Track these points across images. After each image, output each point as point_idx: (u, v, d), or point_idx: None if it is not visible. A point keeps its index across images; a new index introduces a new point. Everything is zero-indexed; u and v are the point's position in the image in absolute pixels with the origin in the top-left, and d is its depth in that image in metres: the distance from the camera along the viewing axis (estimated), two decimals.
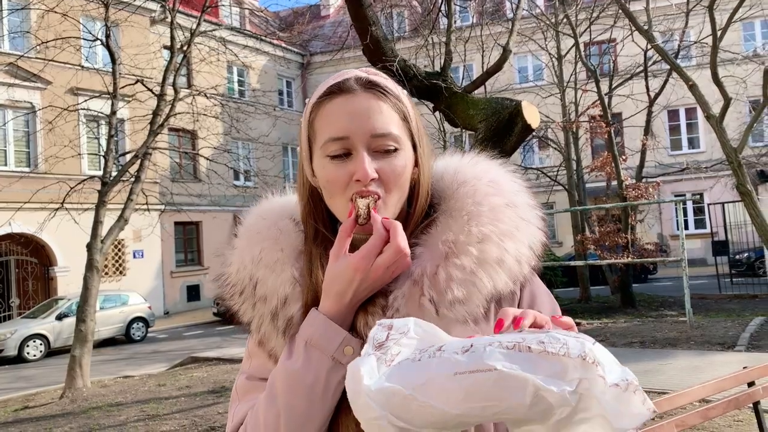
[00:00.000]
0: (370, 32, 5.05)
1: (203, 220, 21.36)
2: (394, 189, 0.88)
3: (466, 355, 0.63)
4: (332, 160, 0.88)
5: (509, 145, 4.56)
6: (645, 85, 14.18)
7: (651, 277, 20.02)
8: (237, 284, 0.95)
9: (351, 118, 0.87)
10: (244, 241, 0.97)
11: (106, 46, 9.90)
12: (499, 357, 0.62)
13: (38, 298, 17.28)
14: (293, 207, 1.00)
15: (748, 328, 9.41)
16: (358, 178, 0.86)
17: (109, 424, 7.04)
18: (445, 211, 0.91)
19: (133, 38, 15.46)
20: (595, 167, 14.68)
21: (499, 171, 0.96)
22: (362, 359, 0.68)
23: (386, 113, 0.89)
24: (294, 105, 26.68)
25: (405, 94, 0.94)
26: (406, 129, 0.91)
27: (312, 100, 0.92)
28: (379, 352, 0.68)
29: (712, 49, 9.09)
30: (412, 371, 0.65)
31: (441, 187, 0.94)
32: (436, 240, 0.88)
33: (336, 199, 0.89)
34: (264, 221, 0.98)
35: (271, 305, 0.91)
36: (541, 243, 0.93)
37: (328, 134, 0.88)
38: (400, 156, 0.89)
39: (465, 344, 0.65)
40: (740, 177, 8.79)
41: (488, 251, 0.87)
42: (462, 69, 9.92)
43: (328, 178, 0.88)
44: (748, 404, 3.39)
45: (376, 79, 0.91)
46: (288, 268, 0.92)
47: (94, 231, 9.36)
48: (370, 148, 0.87)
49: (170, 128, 12.92)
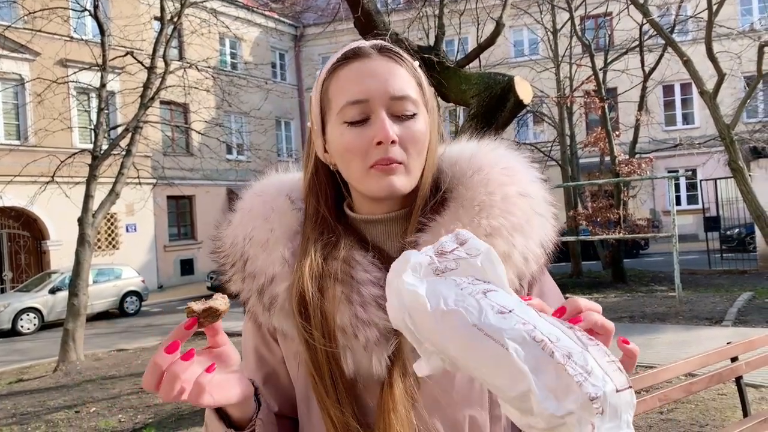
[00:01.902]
0: (362, 4, 4.98)
1: (196, 194, 21.29)
2: (414, 154, 0.86)
3: (496, 317, 0.61)
4: (350, 127, 0.85)
5: (501, 121, 4.54)
6: (640, 60, 14.08)
7: (642, 253, 20.16)
8: (229, 256, 0.95)
9: (369, 80, 0.85)
10: (239, 217, 0.96)
11: (95, 17, 9.73)
12: (520, 341, 0.59)
13: (31, 272, 17.26)
14: (291, 185, 0.97)
15: (736, 304, 9.53)
16: (380, 140, 0.83)
17: (102, 396, 7.10)
18: (456, 198, 0.88)
19: (123, 9, 15.20)
20: (588, 143, 14.66)
21: (515, 158, 0.93)
22: (418, 254, 0.67)
23: (404, 76, 0.87)
24: (287, 78, 26.38)
25: (418, 64, 0.92)
26: (421, 97, 0.89)
27: (325, 68, 0.91)
28: (437, 258, 0.66)
29: (707, 23, 9.02)
30: (447, 295, 0.63)
31: (455, 171, 0.91)
32: (443, 229, 0.85)
33: (353, 166, 0.86)
34: (259, 198, 0.96)
35: (259, 282, 0.90)
36: (552, 241, 0.89)
37: (345, 98, 0.85)
38: (419, 120, 0.87)
39: (505, 307, 0.62)
40: (732, 153, 8.81)
41: (496, 246, 0.83)
42: (457, 42, 9.79)
43: (347, 146, 0.85)
44: (731, 378, 3.46)
45: (390, 46, 0.90)
46: (279, 248, 0.90)
47: (85, 205, 9.32)
48: (389, 110, 0.85)
49: (161, 101, 12.76)
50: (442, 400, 0.83)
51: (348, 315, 0.83)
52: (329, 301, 0.85)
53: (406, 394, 0.81)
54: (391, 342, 0.83)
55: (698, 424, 4.68)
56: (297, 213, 0.94)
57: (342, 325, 0.83)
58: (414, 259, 0.66)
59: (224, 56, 22.29)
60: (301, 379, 0.90)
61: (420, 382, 0.83)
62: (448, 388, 0.83)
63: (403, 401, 0.81)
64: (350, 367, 0.83)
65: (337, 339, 0.83)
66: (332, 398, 0.83)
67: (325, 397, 0.83)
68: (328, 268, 0.87)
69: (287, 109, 25.51)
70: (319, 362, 0.84)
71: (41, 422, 6.24)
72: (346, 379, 0.83)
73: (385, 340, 0.82)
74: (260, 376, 0.97)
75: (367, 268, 0.87)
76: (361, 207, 0.93)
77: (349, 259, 0.87)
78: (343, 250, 0.88)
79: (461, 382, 0.83)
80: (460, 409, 0.83)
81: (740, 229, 16.98)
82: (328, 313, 0.84)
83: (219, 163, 19.32)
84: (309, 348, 0.85)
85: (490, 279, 0.66)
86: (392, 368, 0.82)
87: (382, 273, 0.86)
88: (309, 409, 0.89)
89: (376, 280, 0.86)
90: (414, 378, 0.82)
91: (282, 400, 0.97)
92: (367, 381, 0.84)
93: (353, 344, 0.83)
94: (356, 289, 0.85)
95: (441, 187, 0.91)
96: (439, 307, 0.62)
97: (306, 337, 0.85)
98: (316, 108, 0.91)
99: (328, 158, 0.92)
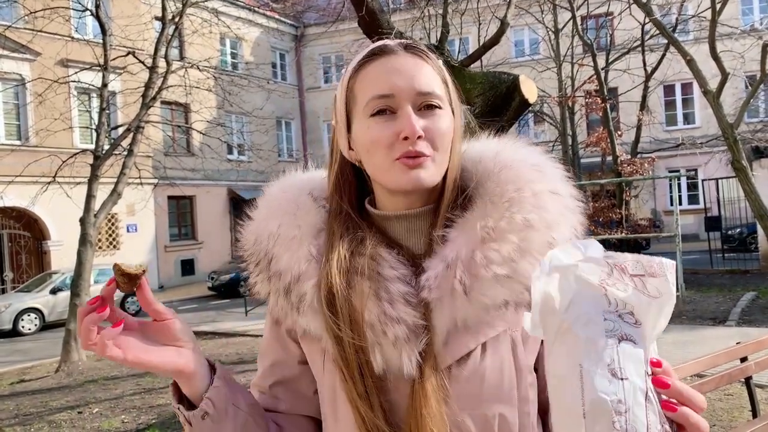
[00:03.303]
0: (366, 3, 4.96)
1: (197, 194, 21.26)
2: (440, 148, 0.86)
3: (603, 374, 0.59)
4: (377, 121, 0.86)
5: (506, 120, 4.52)
6: (642, 60, 14.08)
7: (644, 252, 20.05)
8: (253, 254, 0.94)
9: (396, 76, 0.86)
10: (263, 212, 0.96)
11: (96, 17, 9.71)
12: (599, 415, 0.58)
13: (32, 272, 17.23)
14: (314, 183, 0.97)
15: (740, 303, 9.51)
16: (406, 135, 0.83)
17: (105, 397, 7.09)
18: (482, 195, 0.87)
19: (124, 9, 15.17)
20: (590, 143, 14.66)
21: (541, 156, 0.93)
22: (600, 252, 0.64)
23: (430, 73, 0.88)
24: (288, 78, 26.34)
25: (442, 62, 0.93)
26: (446, 93, 0.90)
27: (351, 66, 0.91)
28: (616, 270, 0.62)
29: (710, 23, 9.00)
30: (587, 313, 0.61)
31: (479, 169, 0.90)
32: (473, 224, 0.84)
33: (378, 158, 0.86)
34: (284, 194, 0.96)
35: (285, 281, 0.89)
36: (578, 238, 0.88)
37: (371, 93, 0.86)
38: (445, 116, 0.87)
39: (623, 371, 0.59)
40: (735, 153, 8.80)
41: (532, 239, 0.83)
42: (458, 42, 9.79)
43: (373, 138, 0.86)
44: (740, 379, 3.44)
45: (416, 43, 0.91)
46: (305, 246, 0.89)
47: (87, 205, 9.30)
48: (415, 106, 0.85)
49: (163, 101, 12.74)
50: (473, 396, 0.82)
51: (376, 312, 0.83)
52: (357, 296, 0.84)
53: (438, 390, 0.81)
54: (421, 338, 0.82)
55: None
56: (321, 210, 0.93)
57: (371, 321, 0.83)
58: (598, 254, 0.63)
59: (225, 56, 22.27)
60: (328, 378, 0.88)
61: (451, 378, 0.82)
62: (479, 385, 0.83)
63: (436, 397, 0.80)
64: (379, 364, 0.82)
65: (365, 335, 0.83)
66: (362, 395, 0.82)
67: (354, 394, 0.83)
68: (355, 264, 0.86)
69: (288, 109, 25.48)
70: (349, 358, 0.83)
71: (44, 423, 6.22)
72: (376, 375, 0.83)
73: (414, 336, 0.82)
74: (273, 379, 0.98)
75: (394, 264, 0.86)
76: (385, 204, 0.93)
77: (375, 255, 0.87)
78: (369, 247, 0.87)
79: (491, 379, 0.83)
80: (489, 406, 0.83)
81: (742, 229, 16.95)
82: (356, 308, 0.84)
83: (220, 164, 19.33)
84: (338, 343, 0.84)
85: (644, 325, 0.62)
86: (423, 365, 0.82)
87: (408, 269, 0.86)
88: (335, 409, 0.88)
89: (403, 276, 0.85)
90: (445, 374, 0.82)
91: (295, 399, 0.97)
92: (396, 378, 0.83)
93: (382, 341, 0.82)
94: (384, 285, 0.84)
95: (467, 184, 0.90)
96: (567, 319, 0.61)
97: (335, 332, 0.84)
98: (341, 106, 0.92)
99: (353, 155, 0.92)
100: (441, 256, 0.84)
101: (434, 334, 0.83)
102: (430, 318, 0.83)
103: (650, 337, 0.62)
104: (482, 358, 0.83)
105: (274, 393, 0.97)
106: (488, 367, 0.83)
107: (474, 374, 0.83)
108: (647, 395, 0.60)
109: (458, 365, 0.83)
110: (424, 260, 0.86)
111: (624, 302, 0.61)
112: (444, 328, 0.83)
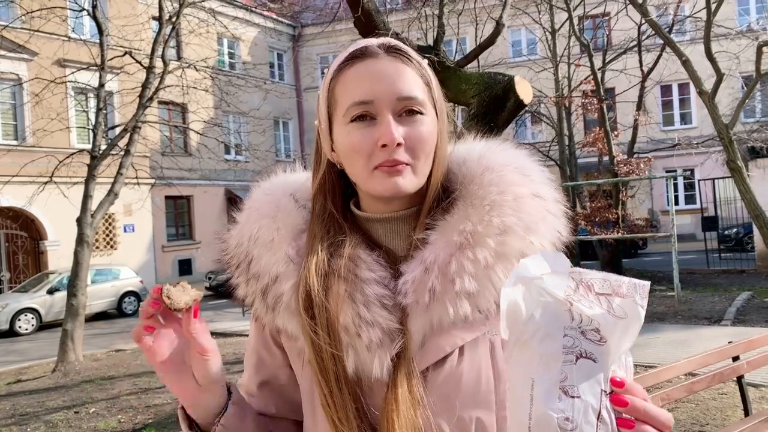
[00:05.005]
0: (362, 4, 4.97)
1: (194, 194, 21.24)
2: (422, 156, 0.85)
3: (552, 392, 0.59)
4: (356, 127, 0.84)
5: (501, 121, 4.53)
6: (638, 60, 14.11)
7: (641, 252, 20.17)
8: (234, 257, 0.94)
9: (376, 81, 0.84)
10: (245, 216, 0.95)
11: (93, 17, 9.70)
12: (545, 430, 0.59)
13: (29, 272, 17.21)
14: (297, 184, 0.97)
15: (735, 303, 9.54)
16: (385, 143, 0.82)
17: (101, 397, 7.09)
18: (465, 197, 0.86)
19: (121, 9, 15.15)
20: (587, 143, 14.67)
21: (526, 159, 0.92)
22: (567, 269, 0.64)
23: (411, 77, 0.86)
24: (285, 78, 26.34)
25: (426, 63, 0.91)
26: (429, 96, 0.88)
27: (332, 68, 0.89)
28: (582, 287, 0.62)
29: (706, 23, 9.03)
30: (547, 326, 0.61)
31: (463, 171, 0.89)
32: (453, 228, 0.84)
33: (358, 166, 0.85)
34: (266, 197, 0.95)
35: (263, 283, 0.89)
36: (564, 241, 0.87)
37: (351, 99, 0.84)
38: (426, 121, 0.85)
39: (576, 390, 0.59)
40: (731, 153, 8.83)
41: (509, 244, 0.82)
42: (455, 42, 9.80)
43: (352, 145, 0.84)
44: (733, 378, 3.46)
45: (399, 45, 0.88)
46: (283, 247, 0.89)
47: (84, 205, 9.29)
48: (395, 112, 0.84)
49: (160, 101, 12.73)
50: (449, 401, 0.81)
51: (351, 314, 0.82)
52: (333, 299, 0.83)
53: (411, 395, 0.80)
54: (396, 342, 0.81)
55: (699, 424, 4.68)
56: (302, 211, 0.93)
57: (345, 324, 0.82)
58: (564, 268, 0.63)
59: (222, 56, 22.27)
60: (306, 378, 0.89)
61: (427, 382, 0.81)
62: (455, 389, 0.82)
63: (407, 402, 0.79)
64: (351, 367, 0.82)
65: (341, 338, 0.82)
66: (336, 398, 0.81)
67: (328, 397, 0.82)
68: (333, 266, 0.85)
69: (285, 109, 25.47)
70: (324, 361, 0.83)
71: (40, 423, 6.22)
72: (350, 380, 0.82)
73: (389, 340, 0.81)
74: (258, 379, 0.97)
75: (372, 266, 0.85)
76: (369, 205, 0.92)
77: (354, 257, 0.86)
78: (348, 248, 0.87)
79: (468, 383, 0.82)
80: (466, 410, 0.82)
81: (738, 229, 17.00)
82: (332, 311, 0.83)
83: (217, 163, 19.31)
84: (314, 347, 0.83)
85: (608, 343, 0.61)
86: (397, 369, 0.81)
87: (386, 272, 0.85)
88: (314, 408, 0.88)
89: (381, 279, 0.84)
90: (421, 378, 0.81)
91: (281, 403, 0.97)
92: (372, 382, 0.82)
93: (356, 344, 0.82)
94: (360, 287, 0.83)
95: (450, 186, 0.90)
96: (527, 331, 0.62)
97: (311, 335, 0.83)
98: (323, 107, 0.90)
99: (336, 157, 0.90)
100: (419, 259, 0.84)
101: (409, 338, 0.82)
102: (406, 322, 0.82)
103: (613, 356, 0.62)
104: (459, 362, 0.82)
105: (262, 395, 0.97)
106: (465, 371, 0.81)
107: (450, 378, 0.82)
108: (600, 414, 0.59)
109: (434, 369, 0.82)
110: (403, 264, 0.85)
111: (590, 318, 0.61)
112: (420, 332, 0.82)
